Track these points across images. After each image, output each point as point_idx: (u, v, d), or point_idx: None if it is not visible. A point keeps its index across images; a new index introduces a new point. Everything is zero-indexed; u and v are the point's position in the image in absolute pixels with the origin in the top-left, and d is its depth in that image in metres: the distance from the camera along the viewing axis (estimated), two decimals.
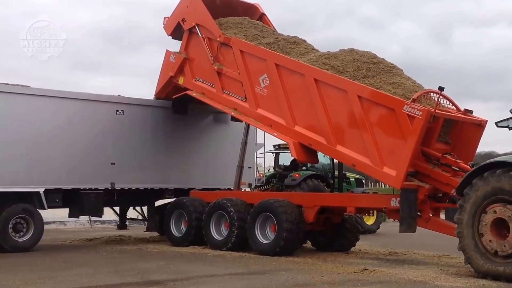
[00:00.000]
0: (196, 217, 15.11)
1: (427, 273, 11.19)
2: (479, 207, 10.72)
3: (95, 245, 16.17)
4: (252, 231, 13.85)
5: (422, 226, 12.38)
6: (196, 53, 15.94)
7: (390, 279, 10.47)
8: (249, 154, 17.46)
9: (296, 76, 13.85)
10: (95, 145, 15.51)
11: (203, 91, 15.73)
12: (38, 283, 9.82)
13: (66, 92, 15.29)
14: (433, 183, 12.31)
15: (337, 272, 11.22)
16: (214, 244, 14.55)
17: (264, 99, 14.47)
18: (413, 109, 11.89)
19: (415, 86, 13.00)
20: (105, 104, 15.80)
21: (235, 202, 14.49)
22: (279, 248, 13.38)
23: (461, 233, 10.91)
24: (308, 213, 13.76)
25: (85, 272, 10.99)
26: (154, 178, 16.52)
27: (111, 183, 15.63)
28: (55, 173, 14.81)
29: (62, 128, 15.02)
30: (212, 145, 17.65)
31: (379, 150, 12.52)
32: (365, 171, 13.33)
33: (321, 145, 13.62)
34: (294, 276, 10.67)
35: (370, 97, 12.68)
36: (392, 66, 13.47)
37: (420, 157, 12.39)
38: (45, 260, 12.80)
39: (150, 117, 16.65)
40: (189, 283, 9.84)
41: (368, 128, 12.64)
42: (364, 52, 13.84)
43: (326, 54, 14.07)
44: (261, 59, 14.48)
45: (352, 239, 14.82)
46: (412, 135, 11.94)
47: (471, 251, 10.73)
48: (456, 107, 13.14)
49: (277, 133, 14.29)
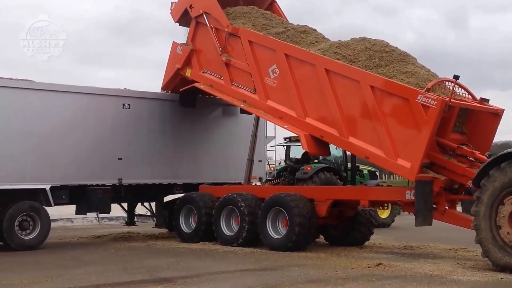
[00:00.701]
0: (206, 212, 14.90)
1: (444, 267, 11.01)
2: (497, 199, 10.48)
3: (103, 242, 16.03)
4: (264, 226, 13.62)
5: (438, 219, 12.11)
6: (203, 44, 15.69)
7: (405, 273, 10.28)
8: (259, 147, 17.21)
9: (307, 66, 13.57)
10: (101, 140, 15.32)
11: (211, 83, 15.48)
12: (45, 281, 9.69)
13: (71, 86, 15.11)
14: (448, 174, 12.04)
15: (351, 267, 11.04)
16: (225, 240, 14.33)
17: (274, 91, 14.20)
18: (427, 98, 11.60)
19: (429, 75, 12.68)
20: (111, 98, 15.60)
21: (246, 196, 14.25)
22: (291, 243, 13.15)
23: (478, 225, 10.69)
24: (320, 207, 13.52)
25: (93, 270, 10.87)
26: (162, 173, 16.32)
27: (119, 179, 15.45)
28: (61, 170, 14.64)
29: (68, 124, 14.84)
30: (221, 139, 17.42)
31: (393, 142, 12.24)
32: (378, 163, 13.04)
33: (333, 137, 13.34)
34: (307, 271, 10.50)
35: (383, 87, 12.39)
36: (406, 55, 13.14)
37: (435, 148, 12.12)
38: (52, 258, 12.68)
39: (157, 111, 16.43)
40: (199, 280, 9.68)
41: (381, 119, 12.36)
42: (377, 40, 13.53)
43: (337, 43, 13.76)
44: (270, 50, 14.21)
45: (366, 233, 14.54)
46: (427, 126, 11.66)
47: (489, 244, 10.51)
48: (472, 96, 12.83)
49: (288, 125, 14.02)
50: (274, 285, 9.13)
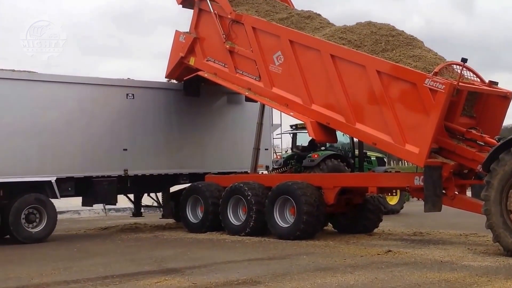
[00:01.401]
0: (213, 202, 14.80)
1: (454, 253, 10.88)
2: (507, 183, 10.32)
3: (110, 233, 15.97)
4: (271, 215, 13.50)
5: (447, 204, 11.96)
6: (206, 32, 15.53)
7: (415, 260, 10.17)
8: (265, 135, 17.09)
9: (312, 52, 13.39)
10: (106, 131, 15.22)
11: (215, 71, 15.32)
12: (53, 274, 9.62)
13: (74, 77, 15.03)
14: (458, 159, 11.88)
15: (360, 254, 10.92)
16: (232, 230, 14.23)
17: (279, 78, 14.04)
18: (435, 82, 11.41)
19: (436, 58, 12.48)
20: (114, 88, 15.48)
21: (253, 185, 14.13)
22: (299, 232, 13.04)
23: (488, 210, 10.53)
24: (328, 194, 13.38)
25: (101, 262, 10.81)
26: (168, 163, 16.21)
27: (124, 170, 15.35)
28: (67, 161, 14.56)
29: (72, 115, 14.75)
30: (227, 127, 17.29)
31: (401, 127, 12.07)
32: (386, 149, 12.87)
33: (339, 124, 13.17)
34: (315, 260, 10.39)
35: (389, 71, 12.20)
36: (412, 38, 12.94)
37: (443, 132, 11.95)
38: (59, 251, 12.64)
39: (162, 100, 16.31)
40: (207, 270, 9.57)
41: (389, 104, 12.18)
42: (382, 24, 13.32)
43: (343, 28, 13.56)
44: (274, 36, 14.04)
45: (375, 220, 14.40)
46: (435, 110, 11.48)
47: (500, 229, 10.37)
48: (481, 79, 12.63)
49: (294, 112, 13.86)
50: (283, 274, 9.02)
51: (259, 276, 8.82)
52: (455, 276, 8.54)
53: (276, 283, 8.31)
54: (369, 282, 8.29)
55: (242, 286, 8.15)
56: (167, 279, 8.77)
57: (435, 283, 8.08)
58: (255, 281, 8.46)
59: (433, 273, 8.79)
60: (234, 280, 8.57)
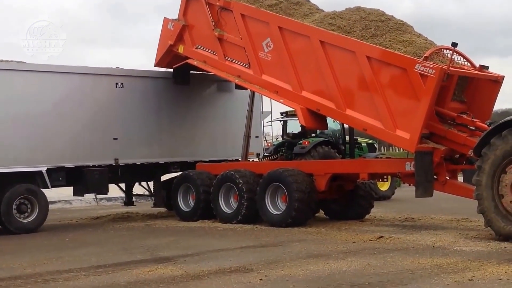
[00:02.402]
0: (204, 190, 14.77)
1: (446, 238, 10.90)
2: (499, 167, 10.33)
3: (102, 223, 15.92)
4: (263, 202, 13.49)
5: (439, 189, 11.97)
6: (195, 19, 15.42)
7: (407, 245, 10.17)
8: (256, 123, 17.01)
9: (301, 38, 13.34)
10: (96, 120, 15.14)
11: (205, 59, 15.24)
12: (45, 264, 9.61)
13: (63, 67, 14.90)
14: (449, 144, 11.88)
15: (352, 241, 10.92)
16: (224, 218, 14.21)
17: (269, 65, 13.98)
18: (425, 67, 11.39)
19: (426, 43, 12.44)
20: (104, 77, 15.40)
21: (244, 173, 14.10)
22: (291, 219, 13.03)
23: (480, 195, 10.55)
24: (319, 181, 13.37)
25: (93, 251, 10.80)
26: (159, 152, 16.16)
27: (115, 159, 15.28)
28: (57, 151, 14.49)
29: (61, 105, 14.64)
30: (217, 115, 17.21)
31: (391, 113, 12.06)
32: (377, 135, 12.86)
33: (330, 110, 13.15)
34: (307, 247, 10.39)
35: (379, 57, 12.17)
36: (402, 23, 12.90)
37: (434, 118, 11.95)
38: (51, 241, 12.60)
39: (151, 89, 16.21)
40: (200, 258, 9.57)
41: (379, 90, 12.15)
42: (372, 9, 13.27)
43: (332, 14, 13.50)
44: (263, 23, 13.96)
45: (366, 206, 14.39)
46: (426, 95, 11.46)
47: (491, 213, 10.39)
48: (471, 63, 12.61)
49: (284, 99, 13.82)
50: (275, 261, 9.02)
51: (252, 264, 8.82)
52: (448, 261, 8.55)
53: (269, 270, 8.30)
54: (362, 268, 8.30)
55: (235, 274, 8.14)
56: (159, 268, 8.77)
57: (428, 269, 8.09)
58: (248, 269, 8.45)
59: (425, 259, 8.80)
60: (227, 268, 8.57)
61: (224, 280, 7.81)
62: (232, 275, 8.11)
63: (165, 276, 8.23)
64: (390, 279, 7.54)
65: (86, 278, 8.33)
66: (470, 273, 7.71)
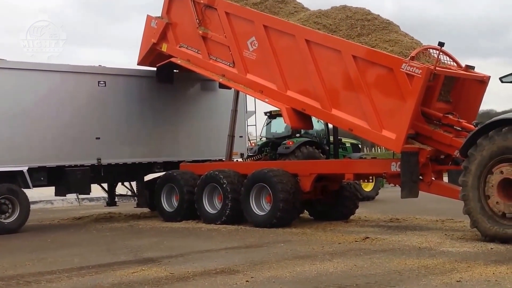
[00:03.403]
0: (188, 190, 14.64)
1: (432, 239, 10.84)
2: (485, 168, 10.28)
3: (84, 223, 15.74)
4: (247, 203, 13.38)
5: (424, 190, 11.93)
6: (179, 17, 15.28)
7: (393, 246, 10.10)
8: (240, 122, 16.87)
9: (286, 37, 13.23)
10: (78, 119, 14.92)
11: (189, 58, 15.10)
12: (27, 265, 9.45)
13: (44, 64, 14.74)
14: (434, 145, 11.85)
15: (338, 241, 10.84)
16: (208, 218, 14.08)
17: (254, 64, 13.86)
18: (412, 67, 11.33)
19: (413, 43, 12.39)
20: (86, 75, 15.19)
21: (228, 173, 13.99)
22: (275, 220, 12.93)
23: (466, 196, 10.50)
24: (304, 181, 13.27)
25: (76, 252, 10.64)
26: (142, 151, 15.98)
27: (97, 159, 15.10)
28: (38, 151, 14.28)
29: (42, 103, 14.44)
30: (201, 115, 17.07)
31: (377, 113, 11.99)
32: (363, 135, 12.78)
33: (315, 110, 13.06)
34: (293, 248, 10.29)
35: (365, 56, 12.10)
36: (388, 23, 12.84)
37: (420, 118, 11.91)
38: (33, 241, 12.43)
39: (134, 88, 16.03)
40: (184, 260, 9.44)
41: (365, 90, 12.07)
42: (358, 8, 13.21)
43: (317, 12, 13.43)
44: (248, 21, 13.84)
45: (351, 207, 14.34)
46: (412, 95, 11.40)
47: (477, 214, 10.34)
48: (457, 63, 12.59)
49: (269, 99, 13.70)
50: (261, 262, 8.90)
51: (237, 265, 8.70)
52: (434, 262, 8.49)
53: (255, 272, 8.18)
54: (349, 269, 8.21)
55: (221, 276, 8.01)
56: (144, 269, 8.63)
57: (415, 270, 8.01)
58: (233, 270, 8.33)
59: (412, 260, 8.73)
60: (212, 269, 8.44)
61: (210, 281, 7.68)
62: (218, 276, 7.98)
63: (149, 277, 8.08)
64: (378, 280, 7.46)
65: (69, 279, 8.17)
66: (457, 274, 7.65)
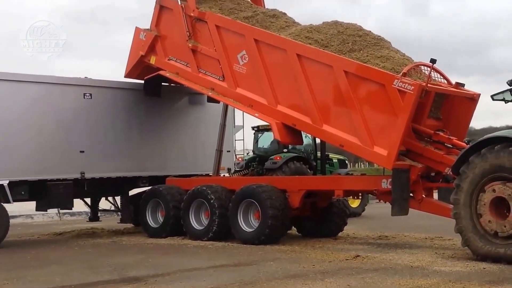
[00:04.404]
0: (174, 206, 14.36)
1: (423, 257, 10.70)
2: (477, 186, 10.18)
3: (66, 239, 15.37)
4: (235, 219, 13.15)
5: (415, 207, 11.78)
6: (168, 30, 15.09)
7: (385, 265, 9.94)
8: (228, 137, 16.67)
9: (277, 51, 13.07)
10: (62, 132, 14.59)
11: (177, 71, 14.89)
12: (6, 284, 9.12)
13: (28, 76, 14.32)
14: (425, 161, 11.70)
15: (328, 260, 10.65)
16: (194, 234, 13.82)
17: (244, 78, 13.68)
18: (404, 83, 11.20)
19: (404, 59, 12.30)
20: (71, 87, 14.86)
21: (216, 188, 13.75)
22: (264, 236, 12.71)
23: (458, 214, 10.39)
24: (293, 198, 13.08)
25: (57, 270, 10.33)
26: (127, 166, 15.66)
27: (81, 173, 14.75)
28: (20, 164, 13.90)
29: (26, 115, 14.08)
30: (188, 129, 16.83)
31: (369, 129, 11.83)
32: (354, 151, 12.58)
33: (306, 125, 12.88)
34: (283, 266, 10.07)
35: (357, 72, 11.95)
36: (380, 39, 12.72)
37: (411, 134, 11.78)
38: (12, 258, 12.05)
39: (121, 101, 15.75)
40: (171, 278, 9.17)
41: (356, 106, 11.92)
42: (349, 24, 13.08)
43: (309, 27, 13.28)
44: (238, 35, 13.68)
45: (340, 223, 14.17)
46: (404, 112, 11.26)
47: (469, 233, 10.22)
48: (447, 80, 12.50)
49: (259, 113, 13.51)
50: (251, 281, 8.67)
51: (227, 285, 8.47)
52: (429, 283, 8.34)
53: None
54: None
55: None
56: None
57: None
58: None
59: (405, 280, 8.56)
60: None
61: None
62: None
63: None
64: None
65: None
66: None
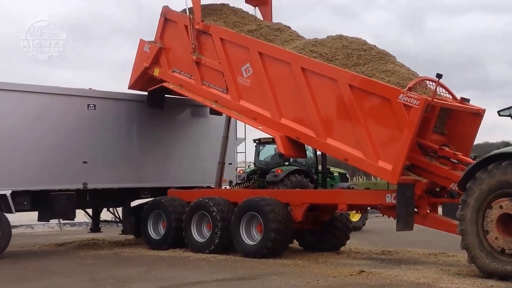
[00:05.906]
0: (176, 218, 14.28)
1: (428, 274, 10.59)
2: (484, 202, 10.09)
3: (67, 250, 15.23)
4: (237, 232, 13.07)
5: (419, 223, 11.72)
6: (172, 42, 15.07)
7: (391, 281, 9.84)
8: (230, 149, 16.60)
9: (282, 65, 13.04)
10: (65, 143, 14.52)
11: (181, 83, 14.84)
12: None
13: (33, 86, 14.29)
14: (430, 177, 11.65)
15: (332, 275, 10.54)
16: (196, 247, 13.73)
17: (247, 90, 13.63)
18: (409, 98, 11.17)
19: (409, 73, 12.27)
20: (75, 98, 14.83)
21: (218, 201, 13.68)
22: (266, 250, 12.62)
23: (464, 230, 10.28)
24: (296, 211, 13.01)
25: (59, 282, 10.26)
26: (129, 177, 15.59)
27: (83, 183, 14.68)
28: (23, 174, 13.83)
29: (29, 125, 14.04)
30: (191, 141, 16.75)
31: (373, 143, 11.78)
32: (358, 165, 12.52)
33: (310, 139, 12.83)
34: (287, 281, 9.97)
35: (362, 86, 11.92)
36: (385, 53, 12.69)
37: (416, 149, 11.73)
38: (13, 269, 11.92)
39: (124, 112, 15.71)
40: None
41: (361, 120, 11.88)
42: (354, 38, 13.06)
43: (313, 41, 13.26)
44: (243, 48, 13.65)
45: (342, 238, 14.09)
46: (409, 126, 11.22)
47: (476, 250, 10.11)
48: (452, 95, 12.49)
49: (262, 126, 13.46)
50: None
51: None
52: None
53: None
54: None
55: None
56: None
57: None
58: None
59: None
60: None
61: None
62: None
63: None
64: None
65: None
66: None
